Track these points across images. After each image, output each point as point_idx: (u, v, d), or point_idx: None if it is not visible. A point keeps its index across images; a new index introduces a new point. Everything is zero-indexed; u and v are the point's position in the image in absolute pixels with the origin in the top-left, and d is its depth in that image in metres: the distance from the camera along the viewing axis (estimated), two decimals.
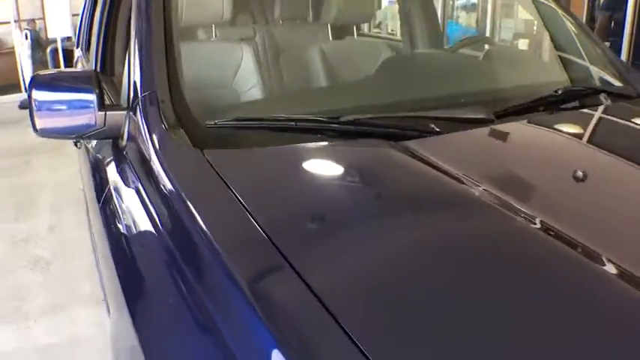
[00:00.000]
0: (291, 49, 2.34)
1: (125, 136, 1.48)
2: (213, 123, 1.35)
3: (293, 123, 1.35)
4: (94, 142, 1.98)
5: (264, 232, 0.93)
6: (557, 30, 2.21)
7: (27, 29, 9.63)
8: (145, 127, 1.33)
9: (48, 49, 9.18)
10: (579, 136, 1.50)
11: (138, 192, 1.27)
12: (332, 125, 1.33)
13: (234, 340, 0.82)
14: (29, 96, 1.59)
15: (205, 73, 1.91)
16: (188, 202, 1.06)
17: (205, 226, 0.99)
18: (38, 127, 1.60)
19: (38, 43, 9.64)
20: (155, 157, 1.24)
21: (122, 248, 1.29)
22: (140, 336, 1.01)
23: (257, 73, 1.89)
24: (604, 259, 0.91)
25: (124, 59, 1.75)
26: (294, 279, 0.84)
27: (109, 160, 1.63)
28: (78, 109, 1.52)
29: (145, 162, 1.29)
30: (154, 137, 1.29)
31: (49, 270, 3.55)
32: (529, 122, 1.48)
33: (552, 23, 2.26)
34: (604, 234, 1.01)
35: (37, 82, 1.57)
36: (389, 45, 2.72)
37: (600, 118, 1.58)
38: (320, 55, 2.09)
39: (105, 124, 1.51)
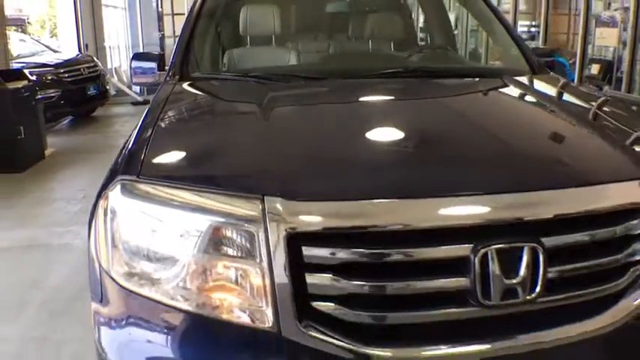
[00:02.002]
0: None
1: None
2: (196, 75, 2.63)
3: (231, 75, 2.60)
4: None
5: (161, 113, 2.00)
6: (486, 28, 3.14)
7: None
8: (165, 76, 2.69)
9: None
10: (381, 90, 2.31)
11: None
12: (249, 77, 2.45)
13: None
14: (130, 64, 3.05)
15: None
16: (152, 103, 2.24)
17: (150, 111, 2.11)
18: (134, 81, 3.05)
19: None
20: (160, 88, 2.57)
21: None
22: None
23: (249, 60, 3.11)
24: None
25: None
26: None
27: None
28: (150, 71, 2.93)
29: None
30: (165, 80, 2.63)
31: None
32: (358, 82, 2.36)
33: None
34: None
35: (135, 57, 3.01)
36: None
37: (408, 83, 2.38)
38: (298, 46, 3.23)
39: (159, 79, 2.89)
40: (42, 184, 5.60)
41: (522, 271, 1.27)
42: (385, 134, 1.73)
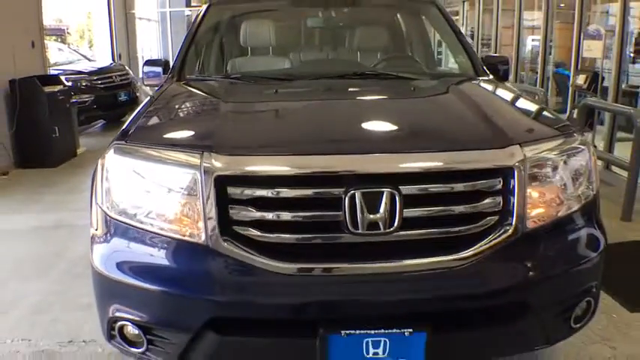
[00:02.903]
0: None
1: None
2: (189, 77, 3.20)
3: (216, 77, 3.20)
4: None
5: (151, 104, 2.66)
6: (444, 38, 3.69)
7: None
8: (166, 78, 3.28)
9: None
10: (348, 88, 2.87)
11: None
12: (229, 78, 3.08)
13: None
14: (142, 68, 3.67)
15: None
16: (151, 96, 2.84)
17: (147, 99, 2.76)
18: (145, 83, 3.67)
19: None
20: (160, 86, 3.15)
21: None
22: None
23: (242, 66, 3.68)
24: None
25: None
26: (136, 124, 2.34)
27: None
28: (157, 74, 3.54)
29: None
30: (165, 80, 3.21)
31: None
32: (311, 81, 2.95)
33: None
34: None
35: (146, 63, 3.63)
36: None
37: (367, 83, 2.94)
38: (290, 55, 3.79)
39: (164, 81, 3.49)
40: (72, 177, 6.28)
41: (382, 209, 1.79)
42: (300, 112, 2.35)
